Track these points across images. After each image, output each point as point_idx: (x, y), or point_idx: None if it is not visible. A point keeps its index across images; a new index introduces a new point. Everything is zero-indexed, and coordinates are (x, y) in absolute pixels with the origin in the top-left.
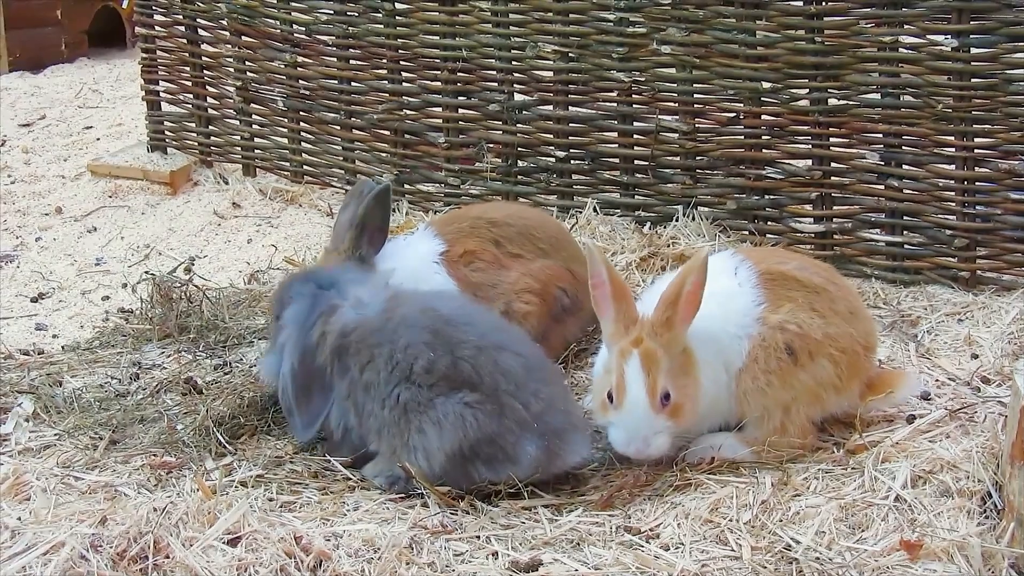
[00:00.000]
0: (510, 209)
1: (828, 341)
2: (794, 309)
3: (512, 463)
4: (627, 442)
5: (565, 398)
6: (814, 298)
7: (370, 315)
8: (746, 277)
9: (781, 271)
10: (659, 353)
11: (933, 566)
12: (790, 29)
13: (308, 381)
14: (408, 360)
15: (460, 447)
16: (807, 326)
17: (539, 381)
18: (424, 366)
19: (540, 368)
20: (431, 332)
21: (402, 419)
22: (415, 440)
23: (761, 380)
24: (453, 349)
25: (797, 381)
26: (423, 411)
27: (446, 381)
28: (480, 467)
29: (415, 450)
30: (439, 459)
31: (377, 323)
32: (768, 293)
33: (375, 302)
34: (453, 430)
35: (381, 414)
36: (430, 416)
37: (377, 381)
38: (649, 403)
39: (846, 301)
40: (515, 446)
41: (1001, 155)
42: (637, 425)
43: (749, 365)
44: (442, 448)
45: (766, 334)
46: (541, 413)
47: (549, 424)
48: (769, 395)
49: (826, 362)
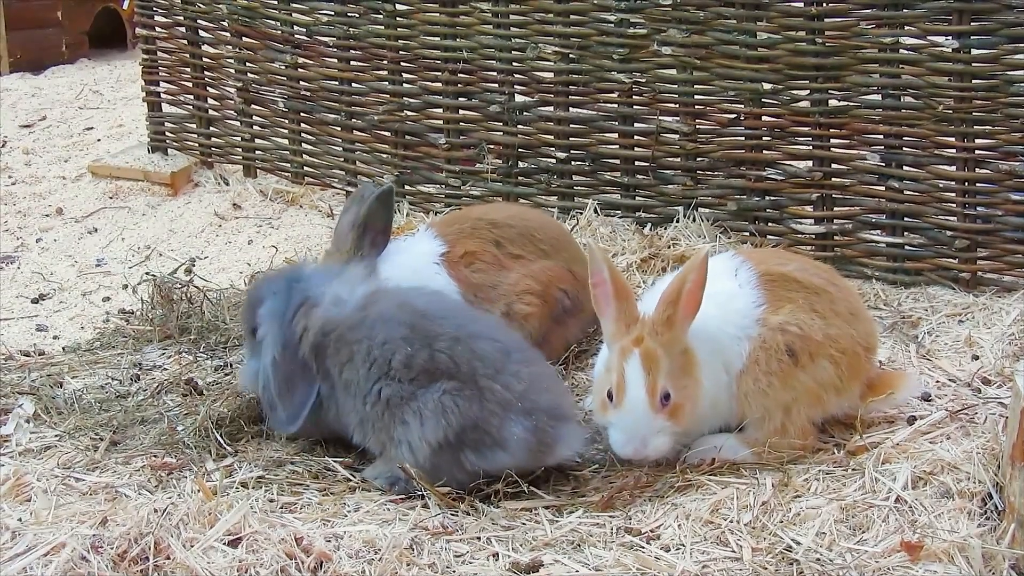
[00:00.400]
0: (511, 210)
1: (829, 342)
2: (795, 310)
3: (501, 448)
4: (625, 443)
5: (551, 378)
6: (815, 299)
7: (347, 312)
8: (746, 278)
9: (781, 272)
10: (659, 353)
11: (934, 567)
12: (791, 30)
13: (291, 372)
14: (386, 356)
15: (445, 436)
16: (808, 327)
17: (519, 363)
18: (402, 361)
19: (519, 351)
20: (408, 327)
21: (385, 414)
22: (398, 433)
23: (762, 381)
24: (431, 342)
25: (798, 382)
26: (404, 404)
27: (425, 374)
28: (469, 455)
29: (400, 444)
30: (424, 451)
31: (354, 320)
32: (768, 294)
33: (352, 298)
34: (435, 419)
35: (364, 410)
36: (411, 408)
37: (357, 379)
38: (648, 403)
39: (847, 302)
40: (500, 429)
41: (1002, 156)
42: (636, 425)
43: (750, 366)
44: (425, 438)
45: (766, 335)
46: (525, 392)
47: (535, 402)
48: (770, 396)
49: (827, 363)
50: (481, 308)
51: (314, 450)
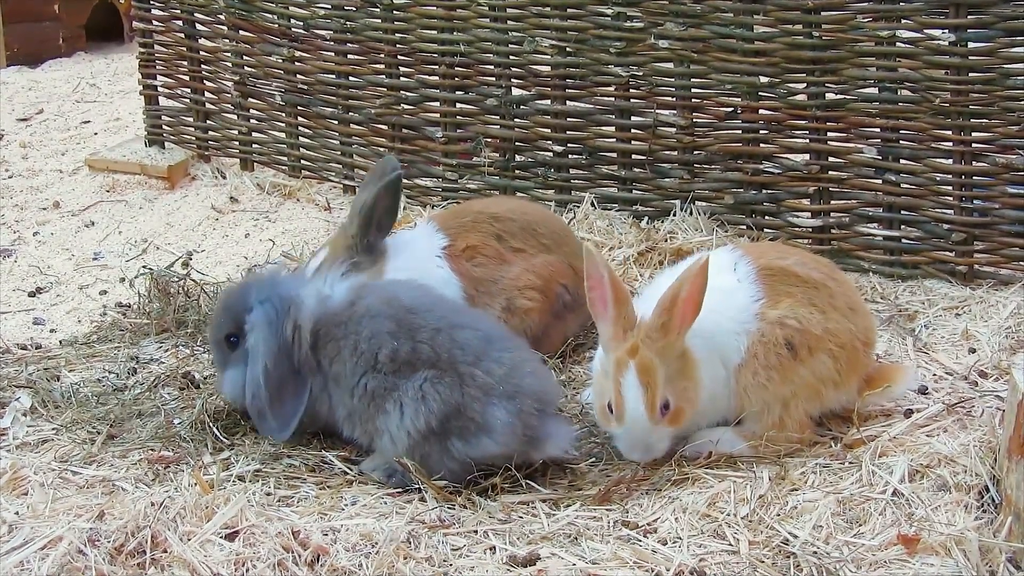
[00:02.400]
0: (512, 204)
1: (827, 336)
2: (793, 305)
3: (486, 433)
4: (631, 450)
5: (534, 363)
6: (813, 294)
7: (335, 307)
8: (745, 273)
9: (781, 266)
10: (656, 363)
11: (931, 560)
12: (787, 24)
13: (282, 380)
14: (372, 350)
15: (427, 423)
16: (806, 321)
17: (501, 349)
18: (388, 355)
19: (501, 339)
20: (394, 321)
21: (371, 405)
22: (380, 423)
23: (761, 375)
24: (414, 335)
25: (797, 376)
26: (387, 395)
27: (407, 365)
28: (455, 442)
29: (383, 433)
30: (404, 440)
31: (343, 315)
32: (767, 288)
33: (337, 294)
34: (415, 406)
35: (351, 403)
36: (392, 398)
37: (345, 373)
38: (648, 418)
39: (846, 297)
40: (483, 413)
41: (999, 149)
42: (638, 438)
43: (748, 361)
44: (405, 427)
45: (765, 329)
46: (506, 376)
47: (517, 386)
48: (768, 390)
49: (826, 357)
50: (482, 302)
51: (311, 443)
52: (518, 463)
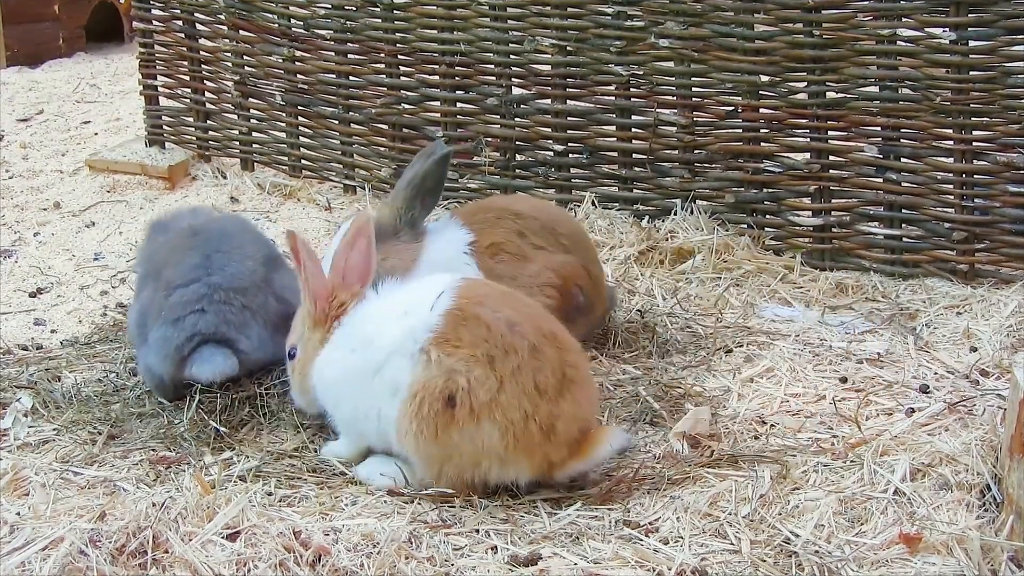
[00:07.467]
0: (533, 203)
1: (495, 407)
2: (469, 359)
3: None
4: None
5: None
6: (500, 356)
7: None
8: (442, 305)
9: (475, 314)
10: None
11: (932, 559)
12: (788, 22)
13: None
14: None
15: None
16: (477, 382)
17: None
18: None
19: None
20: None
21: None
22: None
23: (414, 426)
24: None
25: (451, 439)
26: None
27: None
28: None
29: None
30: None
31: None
32: (449, 330)
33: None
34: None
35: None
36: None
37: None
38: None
39: (556, 374)
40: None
41: (999, 148)
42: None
43: (409, 401)
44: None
45: (431, 375)
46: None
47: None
48: (420, 446)
49: (491, 427)
50: None
51: (313, 443)
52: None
